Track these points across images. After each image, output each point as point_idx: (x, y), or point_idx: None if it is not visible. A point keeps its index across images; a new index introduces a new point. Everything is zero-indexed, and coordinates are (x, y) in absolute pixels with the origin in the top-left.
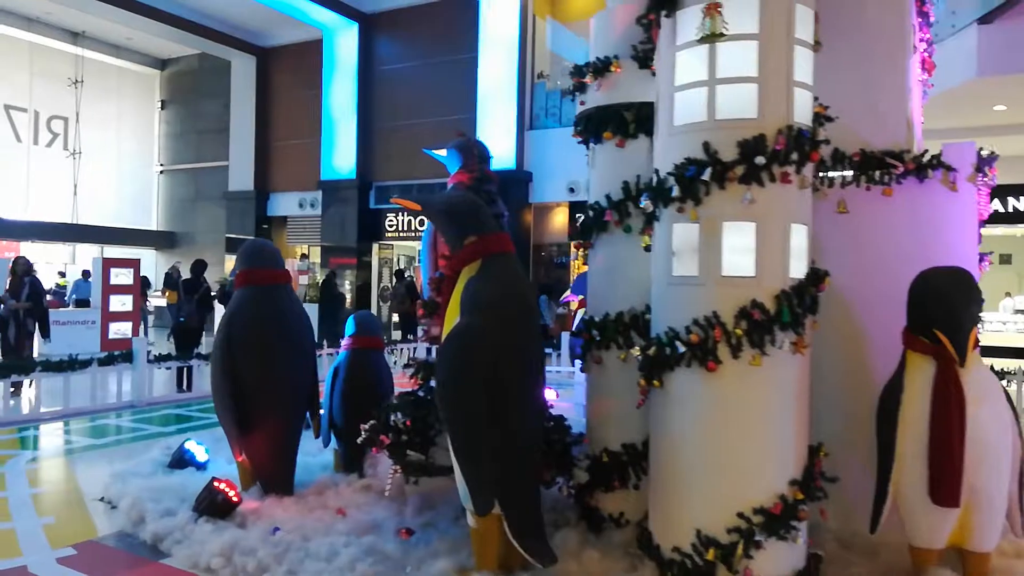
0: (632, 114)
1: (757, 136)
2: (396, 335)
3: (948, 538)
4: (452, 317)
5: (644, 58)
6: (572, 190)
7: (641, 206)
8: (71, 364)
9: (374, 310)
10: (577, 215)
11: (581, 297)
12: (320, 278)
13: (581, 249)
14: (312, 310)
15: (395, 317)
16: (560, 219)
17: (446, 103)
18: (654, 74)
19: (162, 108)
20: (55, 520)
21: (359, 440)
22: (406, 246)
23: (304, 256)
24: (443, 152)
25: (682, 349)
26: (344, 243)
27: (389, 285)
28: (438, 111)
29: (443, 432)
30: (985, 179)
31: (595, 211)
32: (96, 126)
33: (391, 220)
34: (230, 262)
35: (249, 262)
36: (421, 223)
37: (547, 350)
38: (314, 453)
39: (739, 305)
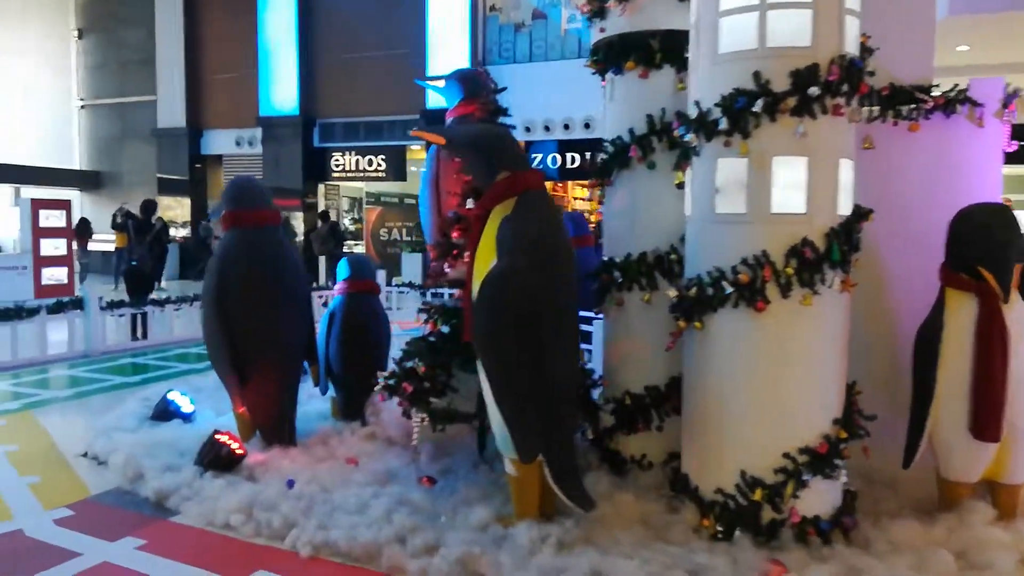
0: (658, 42)
1: (810, 66)
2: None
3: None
4: (485, 259)
5: None
6: (528, 129)
7: (685, 139)
8: (18, 312)
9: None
10: (551, 156)
11: None
12: None
13: (597, 188)
14: None
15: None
16: None
17: (393, 35)
18: (682, 0)
19: (79, 37)
20: (41, 479)
21: (376, 390)
22: (353, 187)
23: None
24: (440, 83)
25: (729, 289)
26: (287, 184)
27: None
28: (385, 43)
29: (456, 377)
30: (1009, 116)
31: (616, 147)
32: (6, 57)
33: (337, 160)
34: (165, 203)
35: (237, 202)
36: (369, 163)
37: None
38: (303, 401)
39: (789, 243)
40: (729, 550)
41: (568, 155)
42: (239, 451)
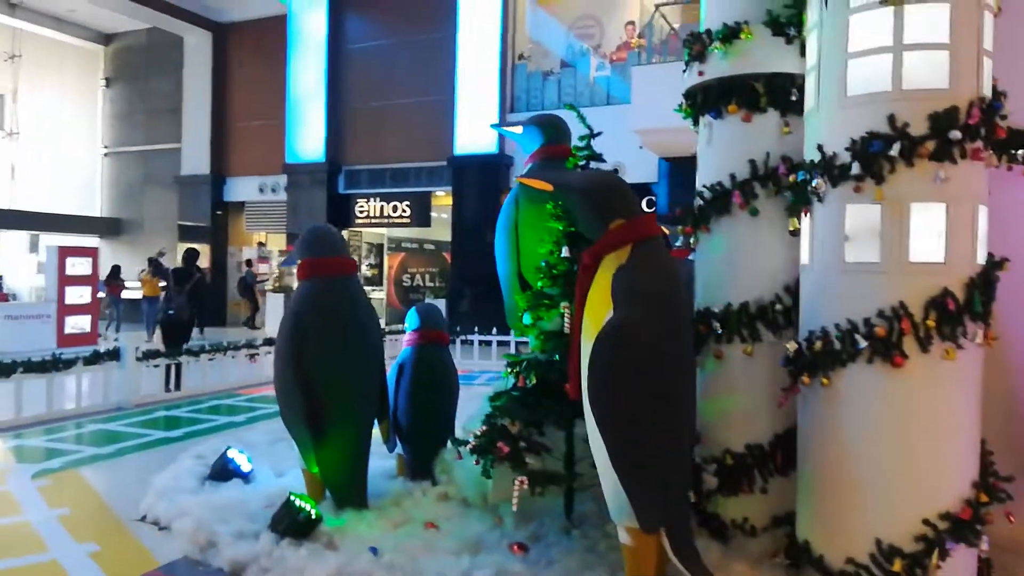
0: (762, 85)
1: (949, 108)
2: None
3: None
4: (598, 311)
5: (780, 24)
6: None
7: (813, 184)
8: (54, 364)
9: None
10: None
11: None
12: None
13: (692, 235)
14: None
15: None
16: None
17: (422, 83)
18: (789, 42)
19: (107, 86)
20: (101, 548)
21: (464, 449)
22: (373, 233)
23: (261, 244)
24: (517, 129)
25: (862, 343)
26: None
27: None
28: (414, 92)
29: (546, 435)
30: None
31: (715, 193)
32: (35, 105)
33: (362, 206)
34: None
35: (315, 250)
36: (394, 209)
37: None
38: None
39: (928, 294)
40: None
41: None
42: (315, 515)
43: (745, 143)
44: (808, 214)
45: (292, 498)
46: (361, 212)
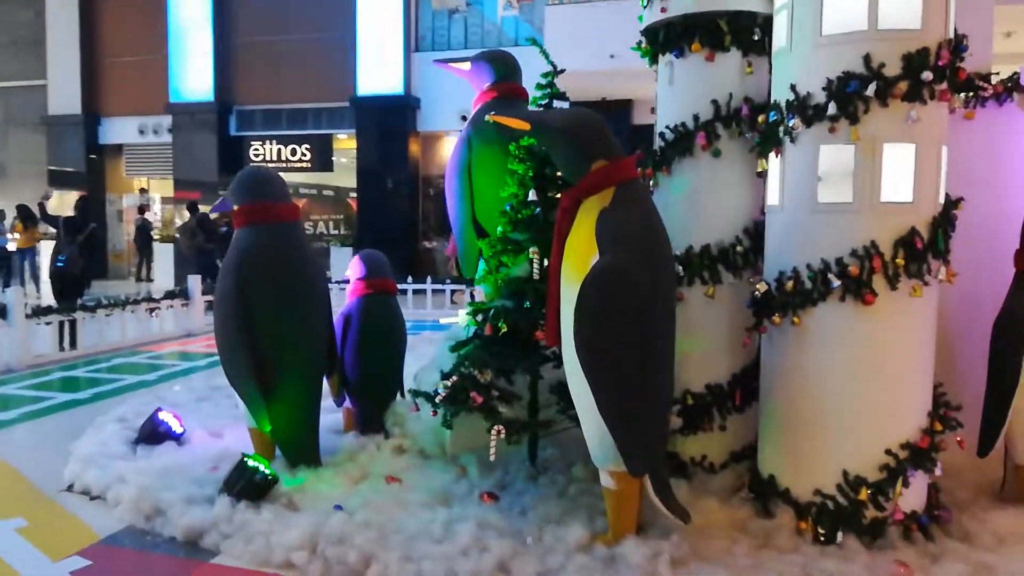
0: (726, 23)
1: (921, 49)
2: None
3: None
4: (580, 255)
5: None
6: (465, 118)
7: (790, 124)
8: None
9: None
10: None
11: None
12: (172, 215)
13: (652, 177)
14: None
15: None
16: (450, 149)
17: (320, 18)
18: None
19: None
20: (28, 523)
21: (439, 400)
22: None
23: (144, 190)
24: (465, 66)
25: (835, 283)
26: (200, 175)
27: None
28: (311, 27)
29: (510, 383)
30: None
31: (677, 134)
32: None
33: (257, 148)
34: (59, 199)
35: (253, 195)
36: (293, 153)
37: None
38: None
39: (897, 233)
40: (853, 555)
41: None
42: (271, 476)
43: (708, 83)
44: (779, 155)
45: (245, 459)
46: (256, 156)
